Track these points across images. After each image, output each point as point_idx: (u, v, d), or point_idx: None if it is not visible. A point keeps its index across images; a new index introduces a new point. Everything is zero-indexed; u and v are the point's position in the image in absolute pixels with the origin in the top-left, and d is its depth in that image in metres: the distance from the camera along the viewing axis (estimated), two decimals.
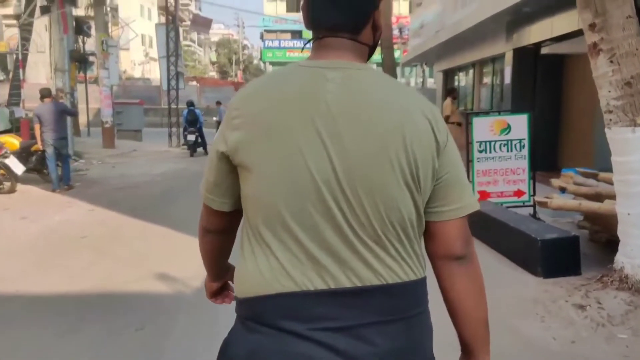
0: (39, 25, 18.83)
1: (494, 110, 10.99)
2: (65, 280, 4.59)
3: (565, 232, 4.87)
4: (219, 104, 18.27)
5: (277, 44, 48.30)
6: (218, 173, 1.17)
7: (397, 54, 21.80)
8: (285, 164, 1.07)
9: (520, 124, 6.38)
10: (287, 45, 47.27)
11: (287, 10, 47.53)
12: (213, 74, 58.29)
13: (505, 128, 6.38)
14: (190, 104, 15.52)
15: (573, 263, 4.53)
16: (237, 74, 54.35)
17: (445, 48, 14.98)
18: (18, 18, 20.21)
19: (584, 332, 3.52)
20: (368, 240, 1.08)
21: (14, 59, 18.66)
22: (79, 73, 17.76)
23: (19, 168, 8.65)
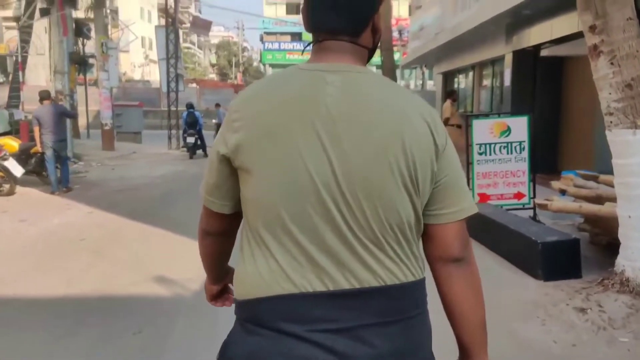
0: (39, 28, 18.83)
1: (494, 113, 10.99)
2: (64, 283, 4.57)
3: (566, 234, 4.85)
4: (218, 107, 18.24)
5: (277, 46, 48.39)
6: (218, 175, 1.17)
7: (396, 56, 21.79)
8: (285, 166, 1.08)
9: (520, 127, 6.38)
10: (287, 48, 47.37)
11: (286, 13, 47.67)
12: (213, 76, 58.34)
13: (505, 130, 6.38)
14: (190, 106, 15.52)
15: (573, 266, 4.52)
16: (236, 76, 54.46)
17: (445, 50, 15.00)
18: (18, 20, 20.20)
19: (585, 335, 3.51)
20: (367, 242, 1.08)
21: (14, 61, 18.68)
22: (79, 75, 17.78)
23: (18, 170, 8.64)
